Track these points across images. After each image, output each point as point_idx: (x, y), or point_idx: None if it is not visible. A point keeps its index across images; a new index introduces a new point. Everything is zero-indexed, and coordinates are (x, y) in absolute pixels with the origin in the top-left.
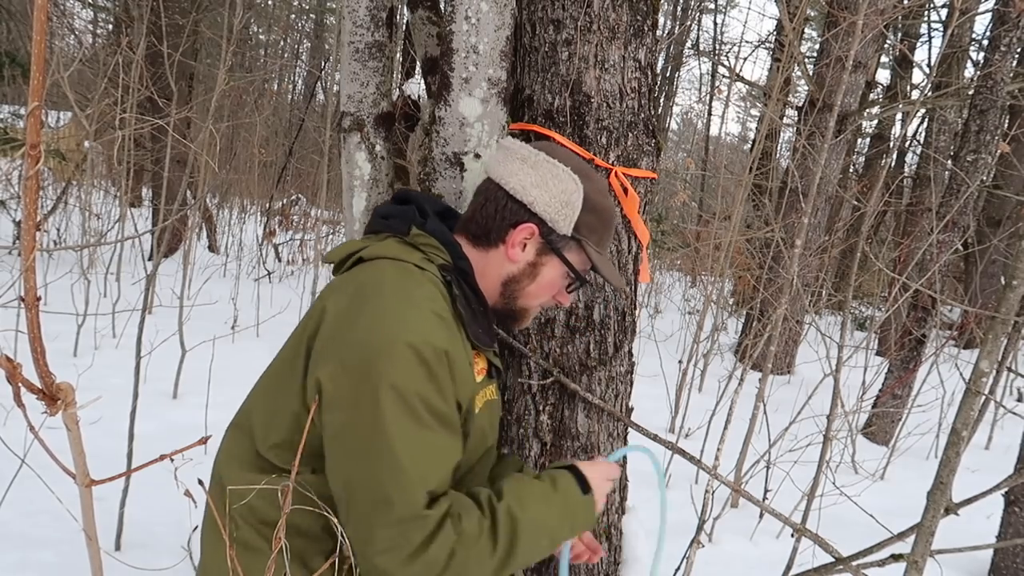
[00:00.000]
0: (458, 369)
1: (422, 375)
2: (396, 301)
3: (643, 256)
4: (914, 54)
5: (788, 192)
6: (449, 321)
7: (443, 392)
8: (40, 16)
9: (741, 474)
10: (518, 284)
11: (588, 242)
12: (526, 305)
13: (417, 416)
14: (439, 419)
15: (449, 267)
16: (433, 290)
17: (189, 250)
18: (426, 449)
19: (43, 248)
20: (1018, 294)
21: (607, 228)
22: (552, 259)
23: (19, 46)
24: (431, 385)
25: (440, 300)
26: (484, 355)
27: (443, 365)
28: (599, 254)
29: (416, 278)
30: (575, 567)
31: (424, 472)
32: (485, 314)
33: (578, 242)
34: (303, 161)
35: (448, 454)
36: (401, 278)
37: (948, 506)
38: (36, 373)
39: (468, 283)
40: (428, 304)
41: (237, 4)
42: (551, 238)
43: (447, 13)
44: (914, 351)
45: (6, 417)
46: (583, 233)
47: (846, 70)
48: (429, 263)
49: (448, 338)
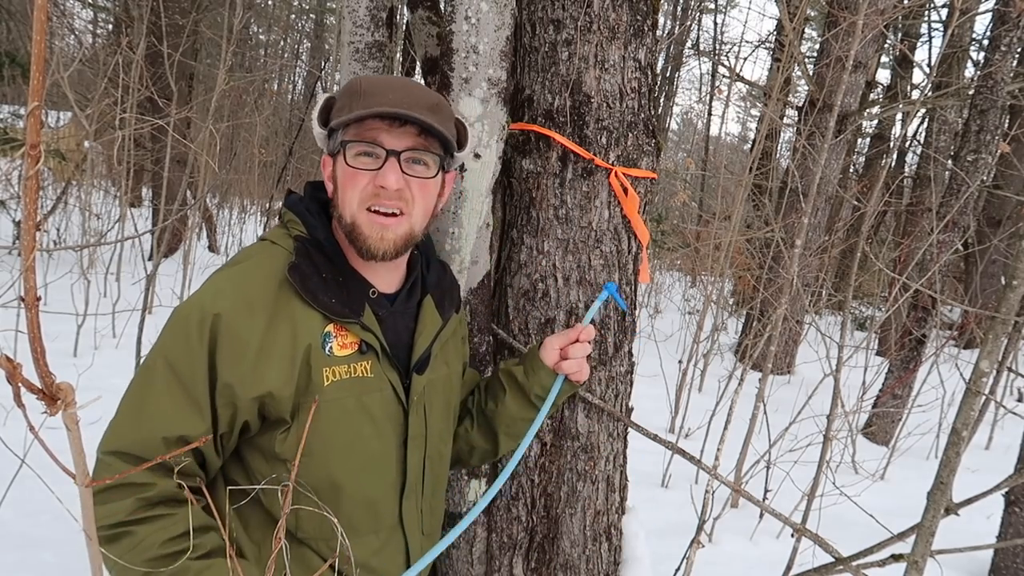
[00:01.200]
0: (230, 333)
1: (174, 336)
2: (213, 275)
3: (643, 256)
4: (914, 54)
5: (788, 192)
6: (264, 290)
7: (190, 355)
8: (40, 16)
9: (741, 474)
10: (334, 201)
11: (339, 117)
12: (350, 216)
13: (151, 372)
14: (176, 379)
15: (303, 237)
16: (258, 261)
17: (189, 250)
18: (142, 405)
19: (43, 248)
20: (1018, 294)
21: (347, 94)
22: (336, 158)
23: (19, 46)
24: (178, 347)
25: (261, 269)
26: (351, 329)
27: (203, 329)
28: (348, 113)
29: (252, 252)
30: (575, 566)
31: (130, 425)
32: (345, 284)
33: (333, 130)
34: (303, 161)
35: (165, 416)
36: (241, 254)
37: (948, 506)
38: (36, 373)
39: (324, 251)
40: (234, 273)
41: (237, 4)
42: (328, 149)
43: (447, 13)
44: (914, 351)
45: (6, 417)
46: (333, 116)
47: (846, 70)
48: (287, 237)
49: (234, 305)
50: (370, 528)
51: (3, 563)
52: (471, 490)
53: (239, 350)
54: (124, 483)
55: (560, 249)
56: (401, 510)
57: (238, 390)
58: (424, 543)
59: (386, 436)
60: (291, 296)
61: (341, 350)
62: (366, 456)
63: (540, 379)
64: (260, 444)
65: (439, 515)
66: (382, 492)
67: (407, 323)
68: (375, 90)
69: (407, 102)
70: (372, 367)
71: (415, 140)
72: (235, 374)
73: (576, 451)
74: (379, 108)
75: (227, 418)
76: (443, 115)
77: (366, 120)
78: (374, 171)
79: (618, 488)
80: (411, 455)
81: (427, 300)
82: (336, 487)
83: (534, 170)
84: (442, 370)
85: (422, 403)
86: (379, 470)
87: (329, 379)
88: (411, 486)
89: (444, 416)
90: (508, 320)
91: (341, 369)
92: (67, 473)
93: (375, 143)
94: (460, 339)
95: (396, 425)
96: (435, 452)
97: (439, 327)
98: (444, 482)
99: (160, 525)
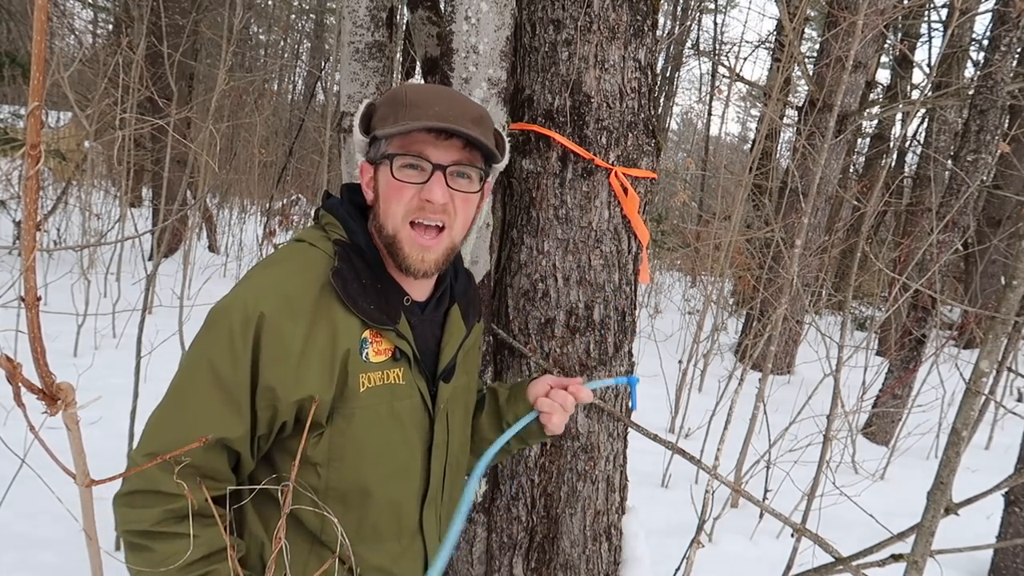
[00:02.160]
0: (274, 335)
1: (216, 335)
2: (251, 274)
3: (643, 256)
4: (914, 54)
5: (788, 192)
6: (305, 293)
7: (233, 355)
8: (40, 16)
9: (741, 474)
10: (374, 210)
11: (383, 127)
12: (392, 229)
13: (192, 372)
14: (217, 380)
15: (344, 242)
16: (299, 264)
17: (189, 250)
18: (183, 406)
19: (43, 248)
20: (1018, 294)
21: (391, 103)
22: (379, 167)
23: (19, 46)
24: (221, 346)
25: (303, 273)
26: (386, 336)
27: (247, 329)
28: (394, 124)
29: (291, 253)
30: (575, 566)
31: (169, 426)
32: (383, 292)
33: (376, 139)
34: (303, 161)
35: (206, 417)
36: (279, 254)
37: (948, 506)
38: (36, 373)
39: (364, 257)
40: (275, 274)
41: (237, 4)
42: (367, 157)
43: (447, 13)
44: (914, 351)
45: (6, 417)
46: (375, 125)
47: (846, 70)
48: (325, 240)
49: (278, 306)
50: (393, 534)
51: (3, 563)
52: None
53: (282, 352)
54: (153, 490)
55: (560, 249)
56: (422, 517)
57: (280, 392)
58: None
59: (413, 443)
60: (332, 300)
61: (376, 356)
62: (395, 463)
63: (517, 409)
64: (292, 447)
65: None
66: (407, 499)
67: (434, 331)
68: (421, 101)
69: (452, 115)
70: (404, 374)
71: (460, 154)
72: (277, 376)
73: (576, 451)
74: (428, 122)
75: (266, 420)
76: (485, 127)
77: (412, 132)
78: (420, 184)
79: (618, 488)
80: (434, 462)
81: (454, 309)
82: (365, 492)
83: (534, 170)
84: (463, 379)
85: (446, 411)
86: (405, 477)
87: (365, 385)
88: (432, 493)
89: (464, 424)
90: (508, 320)
91: (376, 375)
92: (67, 473)
93: (421, 156)
94: (476, 348)
95: (422, 432)
96: (455, 460)
97: (464, 336)
98: (460, 489)
99: (181, 546)
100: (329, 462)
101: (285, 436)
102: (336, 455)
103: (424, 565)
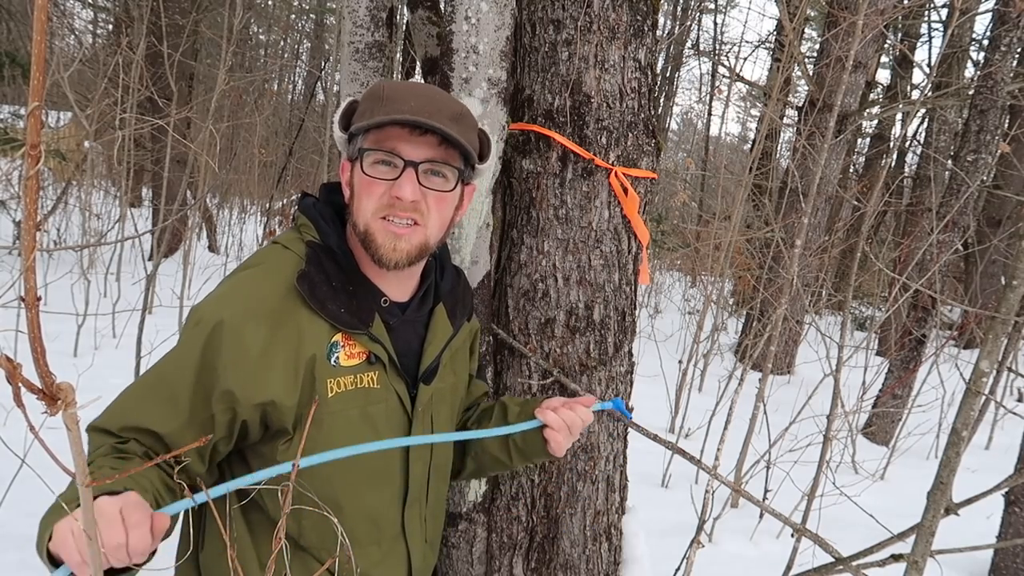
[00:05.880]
0: (233, 339)
1: (181, 335)
2: (226, 278)
3: (643, 256)
4: (914, 54)
5: (788, 192)
6: (271, 296)
7: (183, 356)
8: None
9: (741, 474)
10: (350, 207)
11: (360, 122)
12: (364, 225)
13: (151, 368)
14: (162, 375)
15: (315, 243)
16: (269, 267)
17: (189, 250)
18: (129, 392)
19: (43, 248)
20: (1018, 294)
21: (370, 99)
22: (354, 164)
23: (19, 46)
24: (179, 346)
25: (270, 276)
26: (359, 339)
27: (203, 334)
28: (369, 119)
29: (264, 257)
30: (575, 566)
31: (115, 408)
32: (355, 293)
33: (353, 135)
34: (303, 161)
35: (139, 407)
36: (253, 258)
37: (948, 506)
38: (36, 373)
39: (335, 259)
40: (243, 278)
41: (237, 4)
42: (347, 152)
43: (447, 13)
44: (914, 351)
45: (6, 417)
46: (354, 120)
47: (846, 70)
48: (299, 242)
49: (238, 311)
50: (372, 539)
51: (3, 563)
52: (471, 490)
53: (241, 356)
54: (104, 439)
55: (560, 249)
56: (404, 520)
57: (239, 395)
58: (426, 551)
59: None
60: (298, 304)
61: (348, 360)
62: (368, 469)
63: None
64: (264, 452)
65: (440, 521)
66: (384, 505)
67: (418, 331)
68: (397, 96)
69: (428, 110)
70: (379, 378)
71: (435, 151)
72: (236, 380)
73: (576, 451)
74: (399, 116)
75: (225, 423)
76: (465, 125)
77: (385, 127)
78: (391, 181)
79: (618, 488)
80: (414, 465)
81: (439, 309)
82: (336, 505)
83: (534, 170)
84: (449, 379)
85: (428, 413)
86: (381, 483)
87: (333, 390)
88: (414, 496)
89: (449, 425)
90: (508, 320)
91: (347, 380)
92: (67, 473)
93: (393, 152)
94: (469, 349)
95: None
96: (440, 461)
97: (449, 336)
98: (447, 489)
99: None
100: (300, 470)
101: (255, 442)
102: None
103: (408, 568)
